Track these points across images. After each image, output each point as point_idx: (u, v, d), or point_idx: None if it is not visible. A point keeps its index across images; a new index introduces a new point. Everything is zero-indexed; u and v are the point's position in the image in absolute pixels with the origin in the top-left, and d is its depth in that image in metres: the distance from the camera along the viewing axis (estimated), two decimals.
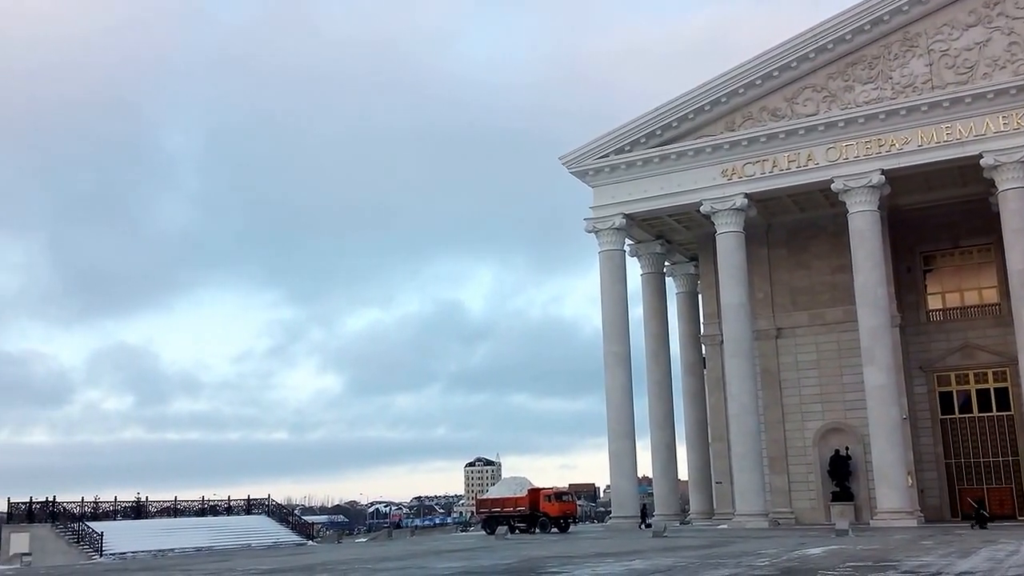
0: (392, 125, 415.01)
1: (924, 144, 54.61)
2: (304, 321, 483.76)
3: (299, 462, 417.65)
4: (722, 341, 61.62)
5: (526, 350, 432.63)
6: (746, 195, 58.99)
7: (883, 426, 53.80)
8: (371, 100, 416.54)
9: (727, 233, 59.57)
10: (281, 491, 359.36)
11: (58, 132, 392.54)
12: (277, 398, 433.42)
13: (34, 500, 59.38)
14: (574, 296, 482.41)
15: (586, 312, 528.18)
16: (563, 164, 64.03)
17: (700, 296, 73.19)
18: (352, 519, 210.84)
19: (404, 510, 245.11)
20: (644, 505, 67.11)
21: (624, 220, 62.70)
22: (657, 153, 61.19)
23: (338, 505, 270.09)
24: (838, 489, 59.52)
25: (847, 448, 60.03)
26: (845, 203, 56.57)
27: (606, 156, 62.66)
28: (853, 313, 56.83)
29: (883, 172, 55.40)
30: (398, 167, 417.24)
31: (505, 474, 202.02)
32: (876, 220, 56.19)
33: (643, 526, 58.81)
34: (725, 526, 57.42)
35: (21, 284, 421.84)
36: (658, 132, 61.43)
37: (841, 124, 56.45)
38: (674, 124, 61.01)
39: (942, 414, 62.53)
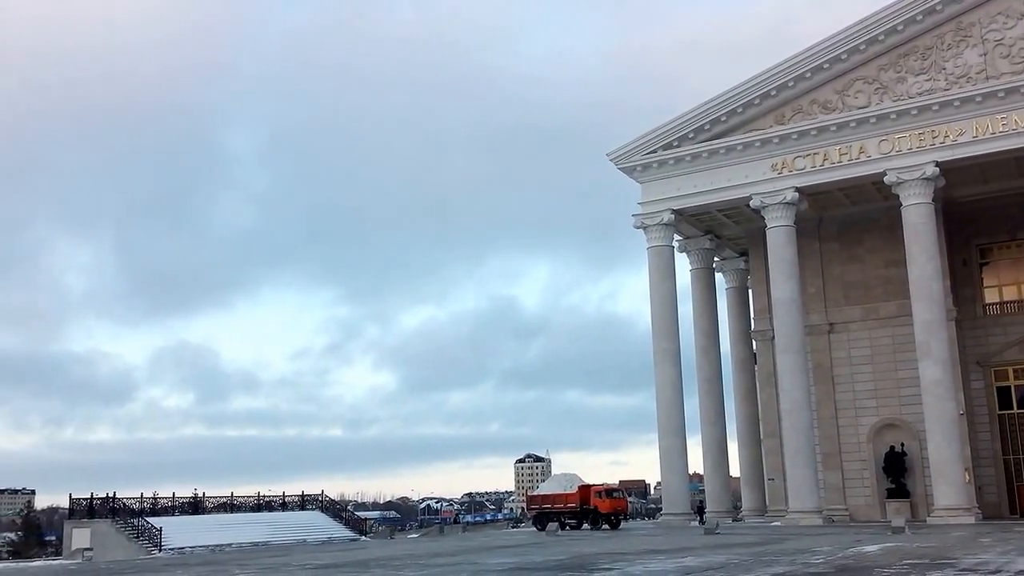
0: (452, 124, 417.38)
1: (979, 135, 53.66)
2: (360, 318, 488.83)
3: (353, 458, 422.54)
4: (773, 337, 61.12)
5: (580, 346, 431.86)
6: (796, 189, 58.45)
7: (939, 422, 53.04)
8: (432, 99, 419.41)
9: (777, 227, 59.07)
10: (335, 487, 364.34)
11: (126, 136, 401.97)
12: (333, 395, 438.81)
13: (95, 496, 60.75)
14: (629, 292, 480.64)
15: (640, 308, 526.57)
16: (610, 160, 63.95)
17: (750, 291, 72.68)
18: (404, 515, 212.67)
19: (455, 506, 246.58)
20: (701, 502, 66.67)
21: (672, 216, 62.46)
22: (705, 148, 60.84)
23: (390, 501, 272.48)
24: (893, 486, 58.78)
25: (902, 444, 59.25)
26: (898, 196, 55.81)
27: (654, 152, 62.44)
28: (908, 307, 56.05)
29: (937, 164, 54.54)
30: (457, 165, 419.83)
31: (555, 470, 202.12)
32: (930, 213, 55.36)
33: (700, 522, 58.46)
34: (778, 523, 56.95)
35: (89, 285, 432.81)
36: (706, 127, 61.08)
37: (893, 116, 55.68)
38: (723, 119, 60.63)
39: (1000, 409, 61.42)
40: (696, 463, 72.23)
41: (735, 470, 74.80)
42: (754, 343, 69.17)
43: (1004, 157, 54.36)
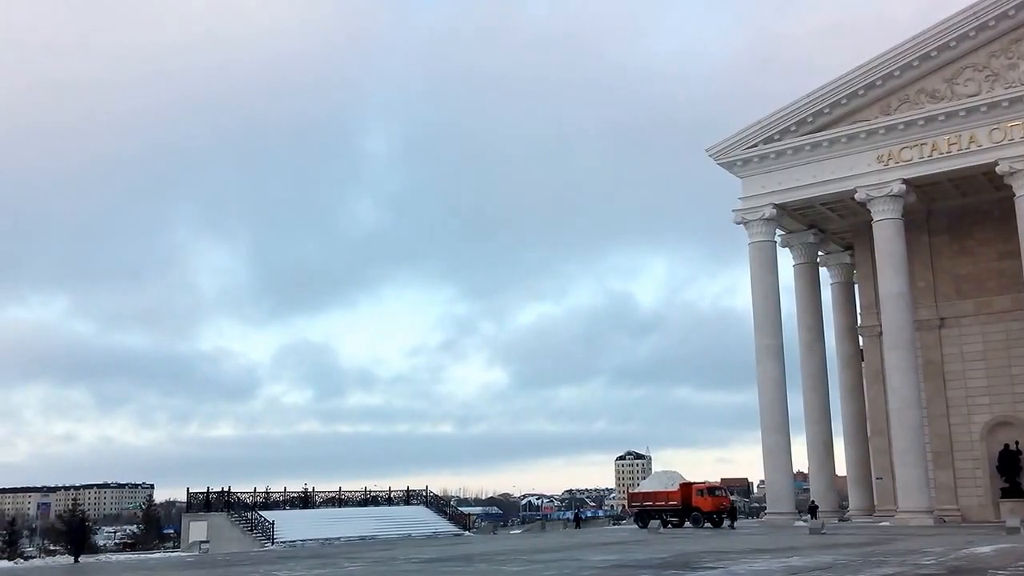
0: (581, 122, 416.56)
1: None
2: (476, 315, 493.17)
3: (461, 454, 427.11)
4: (881, 332, 59.77)
5: (693, 342, 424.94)
6: (904, 181, 57.02)
7: None
8: (561, 98, 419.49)
9: (884, 220, 57.73)
10: (441, 483, 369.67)
11: (268, 145, 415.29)
12: (446, 391, 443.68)
13: (211, 490, 63.10)
14: (746, 287, 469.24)
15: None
16: (710, 155, 63.46)
17: (856, 286, 71.19)
18: (505, 511, 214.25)
19: (555, 503, 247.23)
20: (813, 502, 65.53)
21: (774, 210, 61.62)
22: (808, 140, 59.85)
23: (492, 497, 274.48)
24: (1008, 485, 56.97)
25: (1017, 443, 57.36)
26: (1011, 186, 53.95)
27: (755, 146, 61.73)
28: (1022, 301, 54.17)
29: None
30: (584, 163, 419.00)
31: (655, 468, 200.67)
32: None
33: (808, 519, 57.49)
34: (887, 523, 55.74)
35: (221, 286, 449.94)
36: (809, 119, 60.08)
37: (1005, 104, 53.86)
38: (826, 110, 59.55)
39: None
40: (801, 461, 71.09)
41: (841, 469, 73.35)
42: (860, 339, 67.73)
43: None
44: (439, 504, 76.93)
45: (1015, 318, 57.31)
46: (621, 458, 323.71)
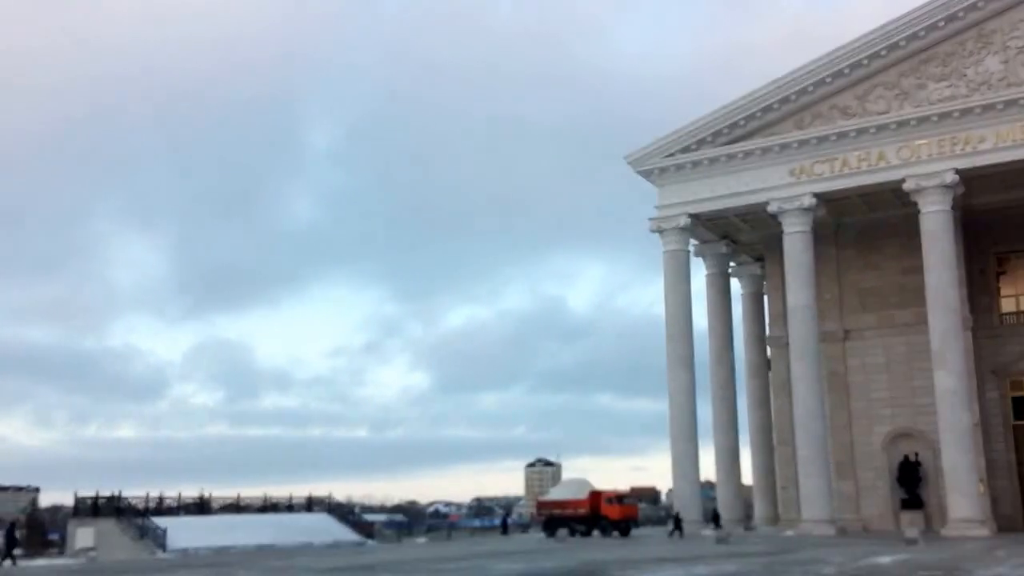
0: (539, 121, 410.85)
1: (1000, 143, 52.99)
2: (404, 317, 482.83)
3: (373, 460, 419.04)
4: (788, 343, 60.44)
5: (619, 350, 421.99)
6: (815, 195, 57.82)
7: (954, 432, 52.33)
8: (520, 96, 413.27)
9: (795, 233, 58.45)
10: (350, 489, 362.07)
11: (201, 130, 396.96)
12: (365, 395, 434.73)
13: (100, 495, 60.47)
14: None
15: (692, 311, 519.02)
16: (628, 163, 63.45)
17: (766, 297, 72.10)
18: (411, 519, 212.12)
19: (463, 511, 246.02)
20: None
21: (689, 220, 61.92)
22: (724, 152, 60.33)
23: (398, 505, 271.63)
24: (907, 496, 58.12)
25: (917, 454, 58.57)
26: (917, 203, 55.14)
27: (672, 155, 61.91)
28: (924, 315, 55.37)
29: (957, 171, 53.84)
30: (536, 163, 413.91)
31: (566, 476, 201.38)
32: (949, 220, 54.67)
33: (678, 534, 56.92)
34: (790, 533, 56.34)
35: (137, 280, 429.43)
36: (725, 131, 60.55)
37: (914, 122, 55.05)
38: (742, 123, 60.10)
39: (1015, 420, 60.52)
40: (709, 470, 71.55)
41: (748, 478, 74.13)
42: (768, 349, 68.56)
43: None
44: (342, 512, 75.36)
45: (917, 332, 58.47)
46: (531, 465, 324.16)
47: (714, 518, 63.85)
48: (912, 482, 58.15)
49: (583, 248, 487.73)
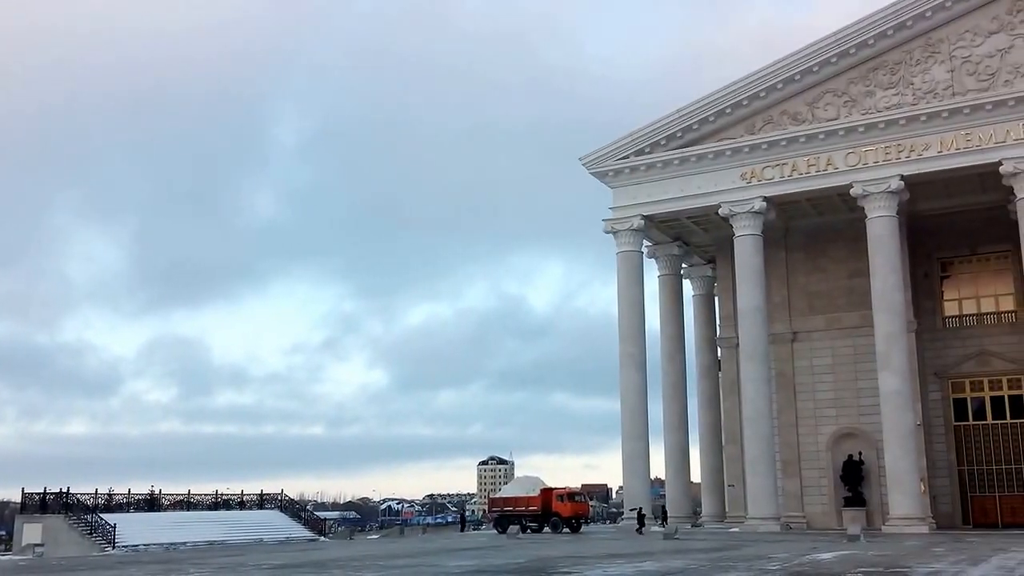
0: (506, 121, 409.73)
1: (944, 150, 54.36)
2: (364, 314, 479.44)
3: (328, 457, 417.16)
4: (738, 344, 61.49)
5: (577, 348, 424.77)
6: (765, 198, 58.86)
7: (897, 432, 53.62)
8: (489, 95, 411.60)
9: (745, 236, 59.44)
10: (304, 487, 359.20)
11: (165, 124, 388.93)
12: (322, 392, 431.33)
13: (48, 491, 59.68)
14: None
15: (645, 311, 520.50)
16: (583, 164, 64.06)
17: (717, 299, 72.98)
18: (364, 516, 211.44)
19: (416, 508, 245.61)
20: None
21: (642, 221, 62.66)
22: (677, 155, 61.13)
23: (351, 501, 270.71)
24: (850, 494, 59.34)
25: (860, 453, 59.83)
26: (864, 208, 56.38)
27: (626, 157, 62.65)
28: (870, 318, 56.62)
29: (902, 178, 55.19)
30: (500, 162, 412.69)
31: (518, 473, 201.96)
32: (894, 225, 55.99)
33: (640, 530, 57.53)
34: (737, 529, 57.33)
35: (94, 274, 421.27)
36: (678, 134, 61.38)
37: (861, 129, 56.28)
38: (694, 127, 60.95)
39: (956, 421, 62.26)
40: (659, 468, 72.45)
41: (696, 476, 75.12)
42: (719, 350, 69.48)
43: (967, 173, 55.08)
44: (294, 509, 75.10)
45: (862, 334, 59.75)
46: (484, 463, 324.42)
47: (662, 514, 64.73)
48: (855, 480, 59.40)
49: (545, 248, 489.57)
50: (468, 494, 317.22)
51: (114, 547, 53.18)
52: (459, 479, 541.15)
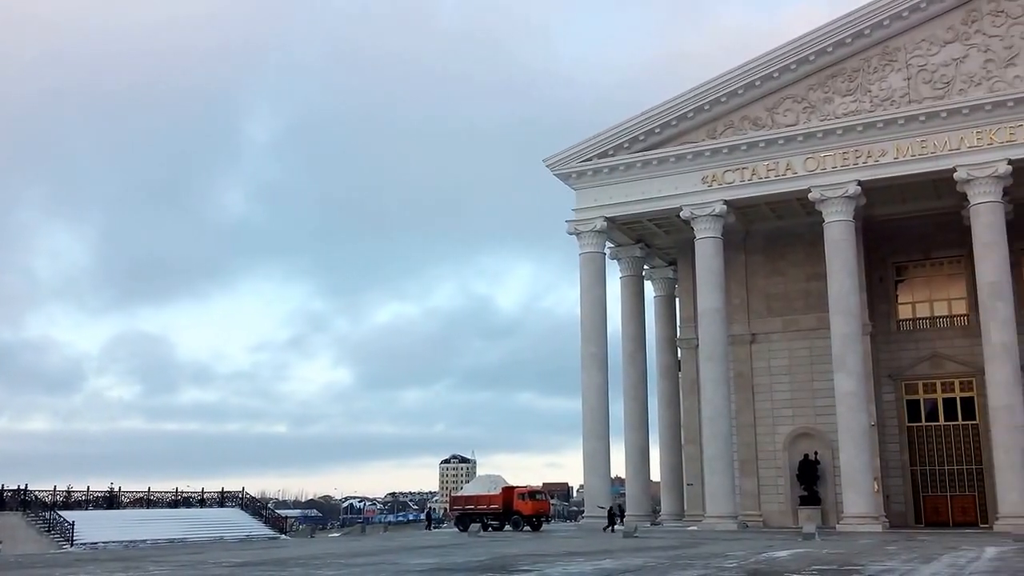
0: (478, 121, 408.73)
1: (900, 156, 55.51)
2: (331, 313, 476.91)
3: (291, 456, 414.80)
4: (698, 345, 62.32)
5: (543, 348, 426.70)
6: (725, 202, 59.70)
7: (851, 432, 54.64)
8: (462, 95, 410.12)
9: (706, 239, 60.25)
10: (265, 484, 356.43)
11: (134, 120, 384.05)
12: (286, 390, 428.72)
13: (5, 487, 59.06)
14: None
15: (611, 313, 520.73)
16: (547, 166, 64.53)
17: (678, 300, 73.76)
18: (326, 514, 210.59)
19: (378, 506, 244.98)
20: (620, 505, 67.26)
21: (605, 223, 63.27)
22: (639, 158, 61.80)
23: (312, 500, 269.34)
24: (806, 493, 60.34)
25: (816, 453, 60.86)
26: (821, 212, 57.38)
27: (589, 160, 63.22)
28: (826, 320, 57.63)
29: (859, 183, 56.25)
30: (472, 161, 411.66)
31: (480, 472, 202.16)
32: (851, 230, 57.05)
33: (611, 529, 58.14)
34: (695, 528, 58.10)
35: (59, 270, 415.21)
36: (641, 137, 62.04)
37: (819, 135, 57.27)
38: (657, 130, 61.65)
39: (909, 422, 63.46)
40: (620, 467, 73.17)
41: (656, 475, 75.91)
42: (679, 351, 70.28)
43: (922, 179, 56.27)
44: (255, 506, 74.79)
45: (819, 336, 60.80)
46: (446, 461, 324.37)
47: (619, 513, 65.36)
48: (811, 479, 60.42)
49: (514, 248, 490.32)
50: (430, 492, 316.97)
51: (72, 545, 52.74)
52: (421, 478, 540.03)
